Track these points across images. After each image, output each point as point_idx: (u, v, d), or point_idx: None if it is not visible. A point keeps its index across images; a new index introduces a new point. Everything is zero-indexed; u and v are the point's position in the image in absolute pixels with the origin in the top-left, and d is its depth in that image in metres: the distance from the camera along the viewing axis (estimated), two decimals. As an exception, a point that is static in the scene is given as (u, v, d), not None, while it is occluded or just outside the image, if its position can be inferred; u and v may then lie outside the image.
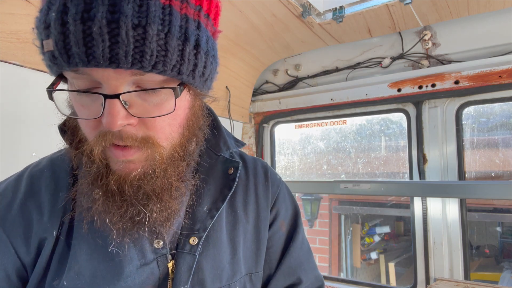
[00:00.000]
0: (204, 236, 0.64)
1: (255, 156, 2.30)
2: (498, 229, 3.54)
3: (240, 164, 0.72)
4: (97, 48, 0.45)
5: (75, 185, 0.62)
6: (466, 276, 1.71)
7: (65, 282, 0.57)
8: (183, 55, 0.50)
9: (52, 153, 0.71)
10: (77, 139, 0.58)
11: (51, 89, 0.52)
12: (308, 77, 2.17)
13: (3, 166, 1.12)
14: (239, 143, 0.77)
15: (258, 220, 0.74)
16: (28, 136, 1.21)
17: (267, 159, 2.33)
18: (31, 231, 0.59)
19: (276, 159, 2.37)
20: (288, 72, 2.24)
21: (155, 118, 0.52)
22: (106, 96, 0.49)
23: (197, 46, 0.52)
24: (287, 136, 2.82)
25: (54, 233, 0.59)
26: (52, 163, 0.66)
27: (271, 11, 1.61)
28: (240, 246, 0.70)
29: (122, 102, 0.49)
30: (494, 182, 1.69)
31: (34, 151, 1.22)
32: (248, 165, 0.78)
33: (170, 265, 0.62)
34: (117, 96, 0.49)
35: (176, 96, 0.52)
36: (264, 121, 2.30)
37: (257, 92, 2.34)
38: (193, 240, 0.64)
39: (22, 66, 1.16)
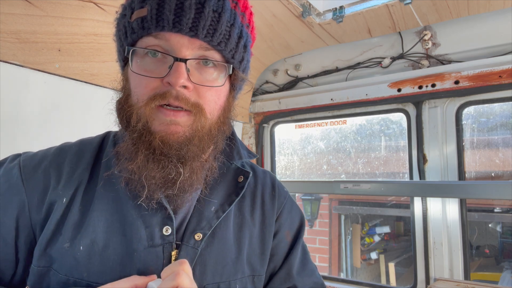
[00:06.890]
0: (208, 234, 0.70)
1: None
2: (498, 229, 3.54)
3: (250, 174, 0.80)
4: (184, 17, 0.60)
5: (99, 162, 0.71)
6: (466, 276, 1.71)
7: (81, 247, 0.64)
8: (238, 45, 0.67)
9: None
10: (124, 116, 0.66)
11: (133, 48, 0.64)
12: (308, 77, 2.17)
13: (3, 166, 1.12)
14: (252, 155, 0.84)
15: (263, 225, 0.80)
16: (28, 136, 1.21)
17: (267, 159, 2.33)
18: (46, 195, 0.67)
19: (276, 159, 2.36)
20: (288, 72, 2.24)
21: (206, 91, 0.65)
22: (175, 59, 0.61)
23: (245, 45, 0.69)
24: (287, 136, 2.82)
25: (64, 200, 0.66)
26: (80, 142, 0.75)
27: (271, 11, 1.61)
28: (245, 247, 0.75)
29: (186, 68, 0.61)
30: (494, 182, 1.69)
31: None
32: (258, 175, 0.85)
33: (174, 253, 0.67)
34: (185, 60, 0.61)
35: (228, 73, 0.66)
36: (264, 121, 2.30)
37: (257, 92, 2.34)
38: (198, 236, 0.69)
39: (22, 66, 1.16)
